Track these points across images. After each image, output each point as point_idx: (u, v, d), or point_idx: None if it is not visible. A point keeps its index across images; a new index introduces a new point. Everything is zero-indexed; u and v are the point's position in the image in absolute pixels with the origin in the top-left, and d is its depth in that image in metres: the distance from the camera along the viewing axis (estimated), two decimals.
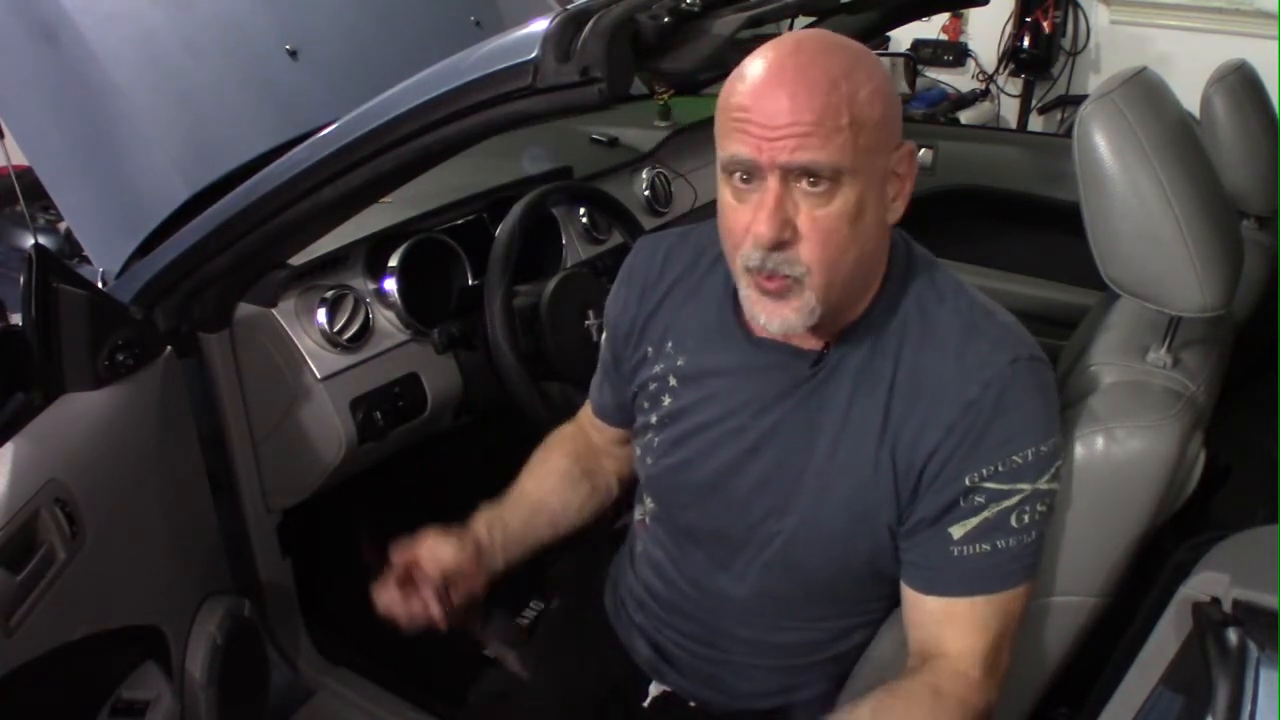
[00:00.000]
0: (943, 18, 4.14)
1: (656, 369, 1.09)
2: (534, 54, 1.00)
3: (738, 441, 1.03)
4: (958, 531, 0.95)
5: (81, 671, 1.24)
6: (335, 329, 1.53)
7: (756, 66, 0.88)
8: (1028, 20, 3.85)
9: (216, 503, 1.52)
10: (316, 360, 1.51)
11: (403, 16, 1.86)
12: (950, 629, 0.96)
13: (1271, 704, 0.66)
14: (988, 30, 4.04)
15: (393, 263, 1.62)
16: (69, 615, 1.18)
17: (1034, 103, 4.06)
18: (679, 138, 2.25)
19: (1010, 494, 0.93)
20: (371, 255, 1.64)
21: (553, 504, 1.19)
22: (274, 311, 1.49)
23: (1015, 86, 4.10)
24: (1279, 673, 0.67)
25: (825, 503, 0.99)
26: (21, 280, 1.21)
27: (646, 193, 2.13)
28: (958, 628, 0.96)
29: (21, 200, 1.79)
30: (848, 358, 0.98)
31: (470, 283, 1.71)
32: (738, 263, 0.93)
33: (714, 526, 1.08)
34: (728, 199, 0.92)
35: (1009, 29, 3.95)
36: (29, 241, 1.33)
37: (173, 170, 1.52)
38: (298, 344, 1.50)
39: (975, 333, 0.96)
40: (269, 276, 1.46)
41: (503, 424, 1.63)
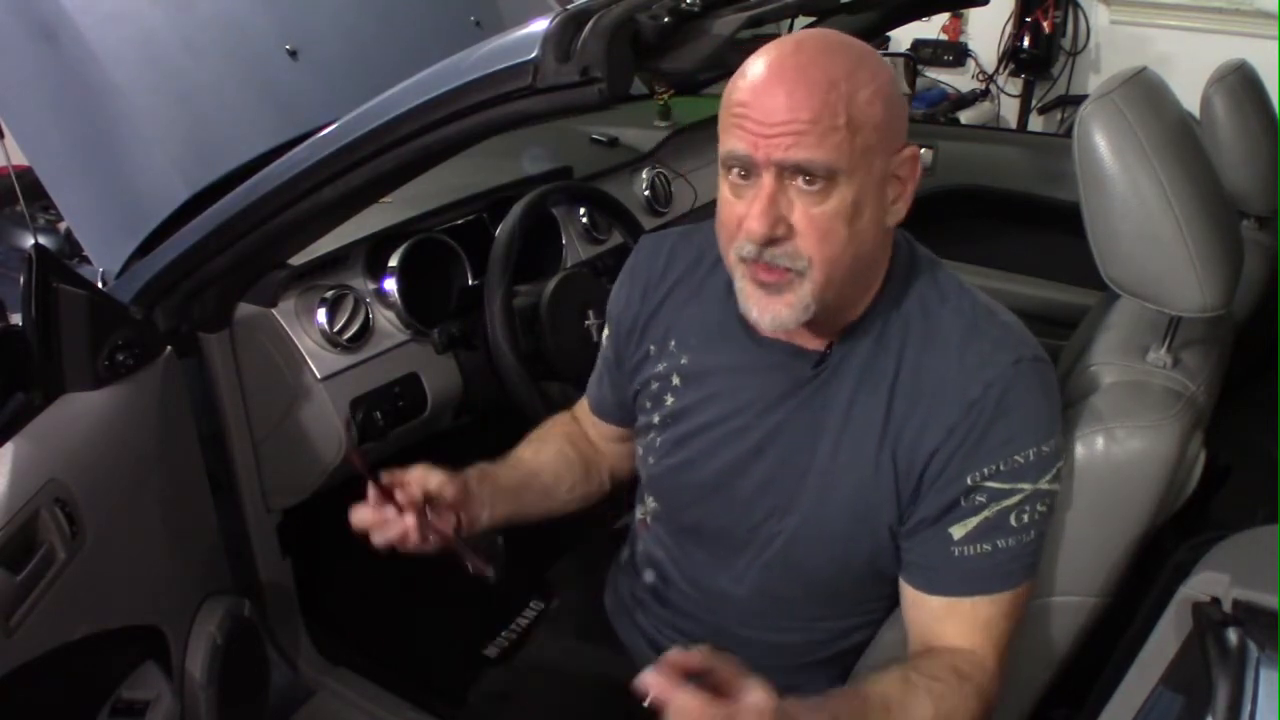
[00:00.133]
0: (943, 18, 4.14)
1: (659, 367, 1.09)
2: (534, 54, 1.00)
3: (741, 441, 1.03)
4: (958, 531, 0.95)
5: (81, 671, 1.24)
6: (335, 329, 1.53)
7: (758, 64, 0.89)
8: (1028, 20, 3.85)
9: (216, 503, 1.51)
10: (316, 360, 1.51)
11: (403, 16, 1.86)
12: (954, 627, 0.97)
13: (1271, 704, 0.66)
14: (988, 30, 4.04)
15: (393, 263, 1.62)
16: (69, 615, 1.18)
17: (1034, 103, 4.06)
18: (679, 138, 2.25)
19: (1011, 493, 0.93)
20: (371, 255, 1.63)
21: (546, 477, 1.19)
22: (274, 311, 1.49)
23: (1015, 86, 4.10)
24: (1279, 673, 0.67)
25: (827, 502, 1.00)
26: (21, 280, 1.20)
27: (646, 193, 2.13)
28: (961, 626, 0.96)
29: (21, 200, 1.79)
30: (850, 357, 0.98)
31: (470, 283, 1.71)
32: (731, 254, 0.93)
33: (716, 526, 1.08)
34: (725, 194, 0.93)
35: (1009, 29, 3.95)
36: (29, 241, 1.33)
37: (173, 170, 1.52)
38: (298, 344, 1.50)
39: (977, 333, 0.96)
40: (269, 276, 1.46)
41: (503, 424, 1.62)
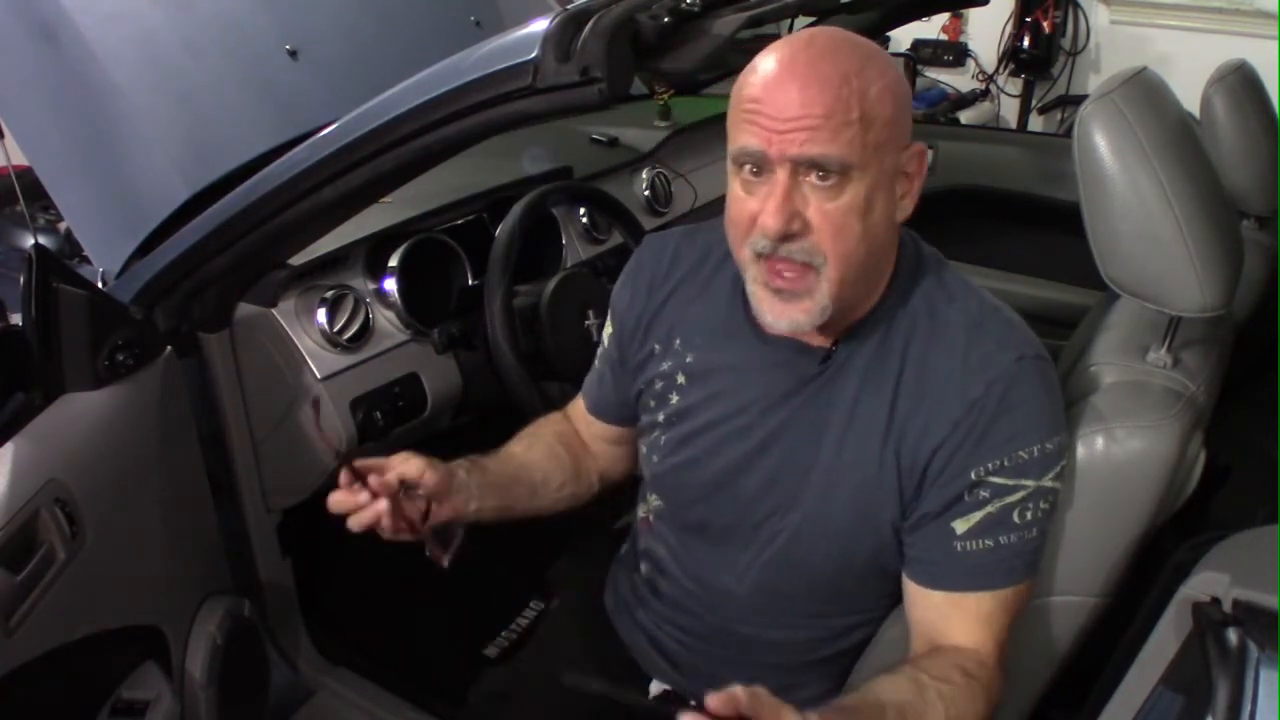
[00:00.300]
0: (943, 18, 4.14)
1: (664, 366, 1.09)
2: (534, 54, 1.00)
3: (746, 439, 1.03)
4: (961, 526, 0.95)
5: (81, 671, 1.24)
6: (335, 329, 1.53)
7: (769, 60, 0.89)
8: (1028, 20, 3.85)
9: (216, 503, 1.51)
10: (316, 360, 1.51)
11: (403, 16, 1.85)
12: (957, 622, 0.97)
13: (1271, 704, 0.66)
14: (988, 30, 4.04)
15: (393, 263, 1.62)
16: (69, 615, 1.18)
17: (1034, 103, 4.06)
18: (679, 138, 2.25)
19: (1014, 490, 0.93)
20: (371, 255, 1.63)
21: (535, 473, 1.18)
22: (274, 311, 1.49)
23: (1015, 86, 4.10)
24: (1279, 673, 0.67)
25: (831, 500, 1.00)
26: (21, 280, 1.20)
27: (646, 193, 2.13)
28: (964, 621, 0.96)
29: (21, 200, 1.79)
30: (855, 355, 0.98)
31: (470, 283, 1.71)
32: (745, 252, 0.93)
33: (719, 524, 1.08)
34: (736, 191, 0.92)
35: (1009, 29, 3.95)
36: (29, 241, 1.33)
37: (173, 170, 1.52)
38: (298, 344, 1.50)
39: (981, 331, 0.96)
40: (269, 276, 1.46)
41: (503, 424, 1.62)
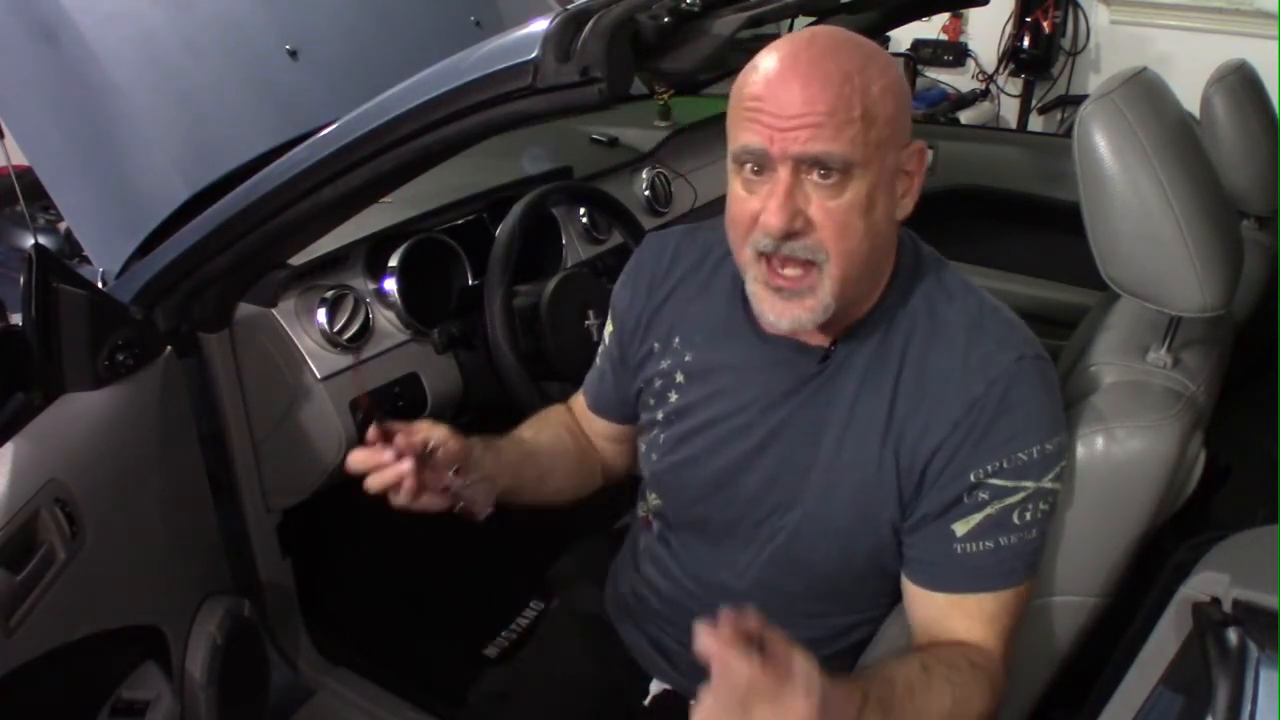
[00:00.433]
0: (943, 18, 4.14)
1: (664, 364, 1.09)
2: (534, 54, 1.00)
3: (745, 438, 1.03)
4: (961, 528, 0.95)
5: (81, 671, 1.24)
6: (335, 329, 1.53)
7: (770, 58, 0.88)
8: (1028, 20, 3.85)
9: (216, 503, 1.51)
10: (316, 360, 1.51)
11: (403, 16, 1.85)
12: (958, 623, 0.97)
13: (1271, 704, 0.66)
14: (988, 30, 4.04)
15: (393, 263, 1.62)
16: (69, 615, 1.17)
17: (1034, 103, 4.06)
18: (679, 138, 2.25)
19: (1014, 491, 0.93)
20: (371, 255, 1.63)
21: (544, 459, 1.18)
22: (274, 311, 1.49)
23: (1015, 86, 4.10)
24: (1279, 673, 0.67)
25: (830, 499, 1.00)
26: (21, 280, 1.20)
27: (646, 193, 2.13)
28: (965, 622, 0.96)
29: (21, 200, 1.79)
30: (855, 354, 0.99)
31: (470, 283, 1.71)
32: (746, 251, 0.93)
33: (719, 522, 1.08)
34: (738, 190, 0.92)
35: (1009, 29, 3.95)
36: (29, 241, 1.33)
37: (173, 170, 1.52)
38: (298, 344, 1.50)
39: (981, 331, 0.96)
40: (269, 276, 1.46)
41: (503, 424, 1.62)
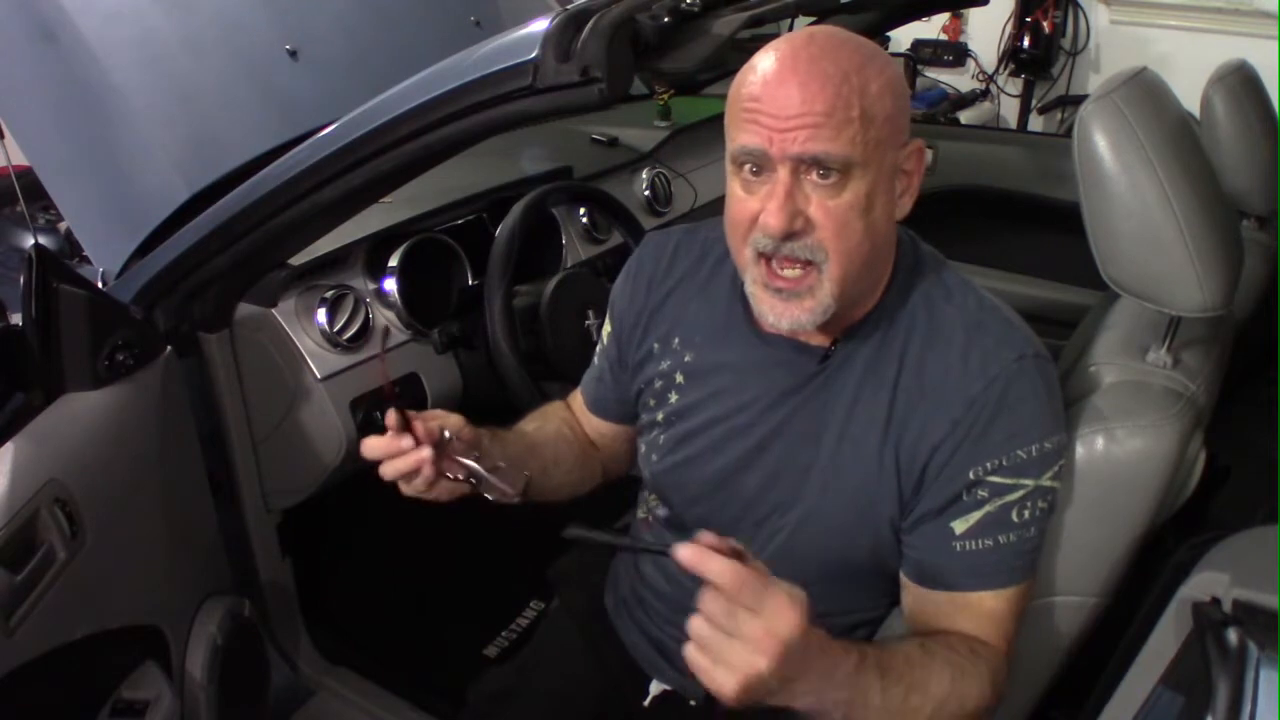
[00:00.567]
0: (943, 18, 4.14)
1: (663, 365, 1.09)
2: (534, 54, 1.00)
3: (745, 438, 1.03)
4: (960, 526, 0.95)
5: (81, 671, 1.24)
6: (335, 329, 1.53)
7: (768, 59, 0.88)
8: (1028, 20, 3.85)
9: (216, 503, 1.51)
10: (316, 360, 1.51)
11: (403, 16, 1.85)
12: (959, 620, 0.96)
13: (1271, 704, 0.66)
14: (988, 30, 4.04)
15: (393, 263, 1.62)
16: (69, 615, 1.17)
17: (1034, 103, 4.06)
18: (679, 138, 2.25)
19: (1014, 489, 0.93)
20: (371, 255, 1.63)
21: (547, 452, 1.17)
22: (274, 311, 1.49)
23: (1015, 86, 4.10)
24: (1279, 673, 0.67)
25: (831, 497, 1.00)
26: (21, 280, 1.20)
27: (646, 193, 2.13)
28: (964, 619, 0.96)
29: (21, 200, 1.79)
30: (855, 354, 0.99)
31: (470, 283, 1.71)
32: (746, 252, 0.92)
33: (719, 522, 1.07)
34: (736, 191, 0.92)
35: (1009, 29, 3.95)
36: (29, 241, 1.33)
37: (173, 170, 1.52)
38: (298, 344, 1.50)
39: (981, 330, 0.96)
40: (269, 276, 1.46)
41: (503, 424, 1.62)
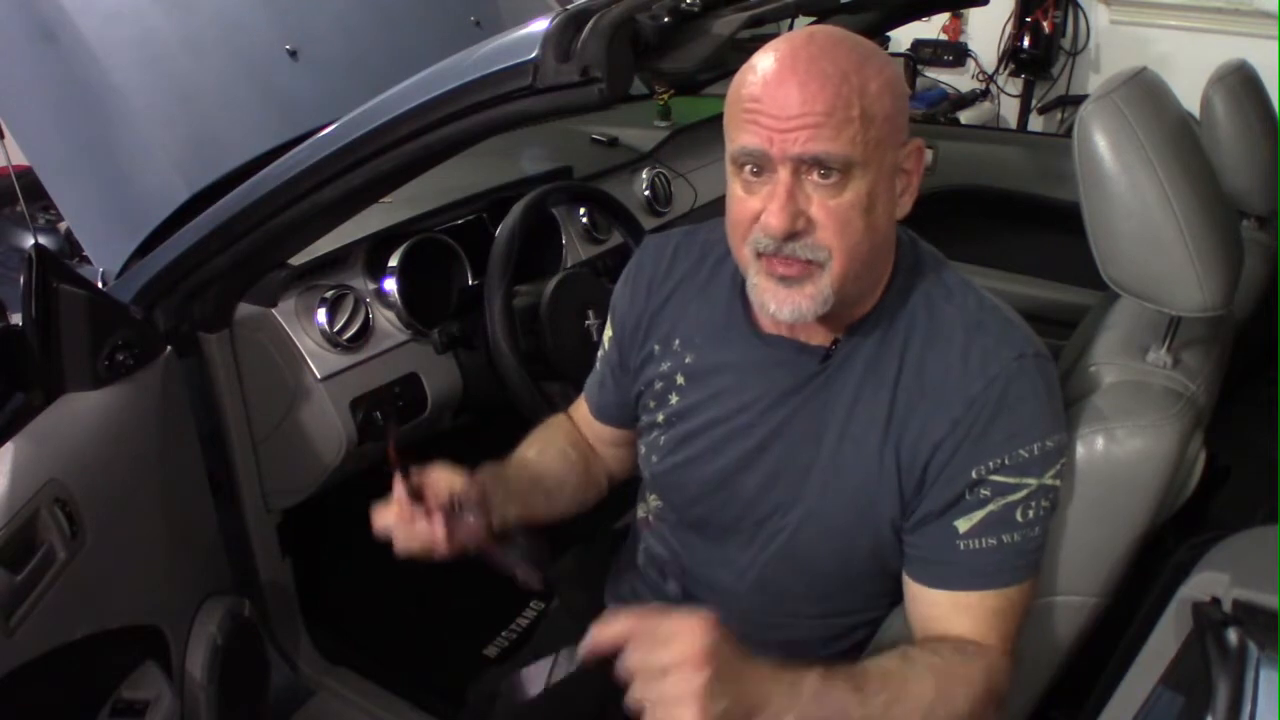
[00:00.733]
0: (943, 18, 4.14)
1: (664, 367, 1.09)
2: (534, 54, 1.00)
3: (745, 438, 1.03)
4: (963, 525, 0.95)
5: (81, 671, 1.24)
6: (335, 329, 1.53)
7: (768, 59, 0.88)
8: (1028, 20, 3.85)
9: (216, 503, 1.51)
10: (316, 360, 1.51)
11: (403, 16, 1.86)
12: (955, 620, 0.96)
13: (1271, 704, 0.66)
14: (988, 30, 4.04)
15: (393, 263, 1.62)
16: (69, 615, 1.17)
17: (1034, 103, 4.06)
18: (679, 138, 2.25)
19: (1017, 488, 0.93)
20: (371, 255, 1.63)
21: (549, 479, 1.18)
22: (274, 311, 1.49)
23: (1015, 86, 4.10)
24: (1279, 673, 0.67)
25: (831, 497, 1.00)
26: (21, 280, 1.21)
27: (646, 193, 2.13)
28: (966, 621, 0.96)
29: (21, 200, 1.79)
30: (855, 353, 0.99)
31: (470, 283, 1.71)
32: (746, 250, 0.93)
33: (720, 522, 1.08)
34: (737, 192, 0.92)
35: (1009, 29, 3.95)
36: (29, 241, 1.33)
37: (173, 170, 1.52)
38: (298, 344, 1.50)
39: (981, 329, 0.96)
40: (269, 276, 1.46)
41: (503, 424, 1.62)
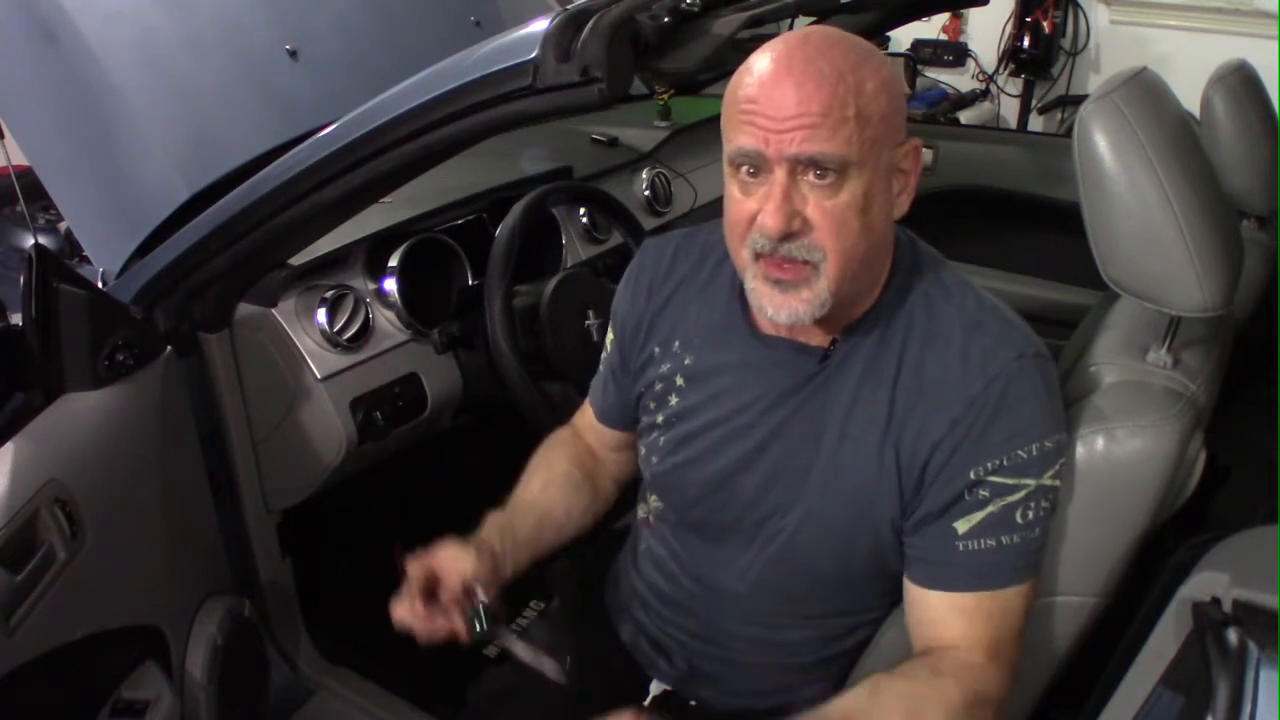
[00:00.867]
0: (943, 18, 4.14)
1: (663, 369, 1.09)
2: (534, 54, 1.00)
3: (745, 439, 1.03)
4: (962, 526, 0.95)
5: (81, 671, 1.24)
6: (335, 329, 1.53)
7: (764, 60, 0.89)
8: (1028, 20, 3.85)
9: (216, 503, 1.51)
10: (316, 360, 1.51)
11: (403, 16, 1.86)
12: (953, 622, 0.96)
13: (1271, 704, 0.66)
14: (988, 30, 4.04)
15: (393, 263, 1.62)
16: (69, 615, 1.17)
17: (1034, 103, 4.06)
18: (679, 138, 2.25)
19: (1016, 489, 0.93)
20: (371, 255, 1.63)
21: (558, 511, 1.18)
22: (274, 311, 1.49)
23: (1015, 86, 4.10)
24: (1279, 673, 0.67)
25: (831, 497, 1.00)
26: (21, 280, 1.20)
27: (646, 193, 2.13)
28: (960, 621, 0.96)
29: (21, 200, 1.79)
30: (854, 353, 0.99)
31: (470, 283, 1.71)
32: (744, 252, 0.93)
33: (720, 523, 1.08)
34: (734, 193, 0.92)
35: (1009, 29, 3.95)
36: (29, 241, 1.33)
37: (173, 170, 1.52)
38: (298, 344, 1.50)
39: (980, 329, 0.96)
40: (269, 276, 1.46)
41: (503, 424, 1.62)
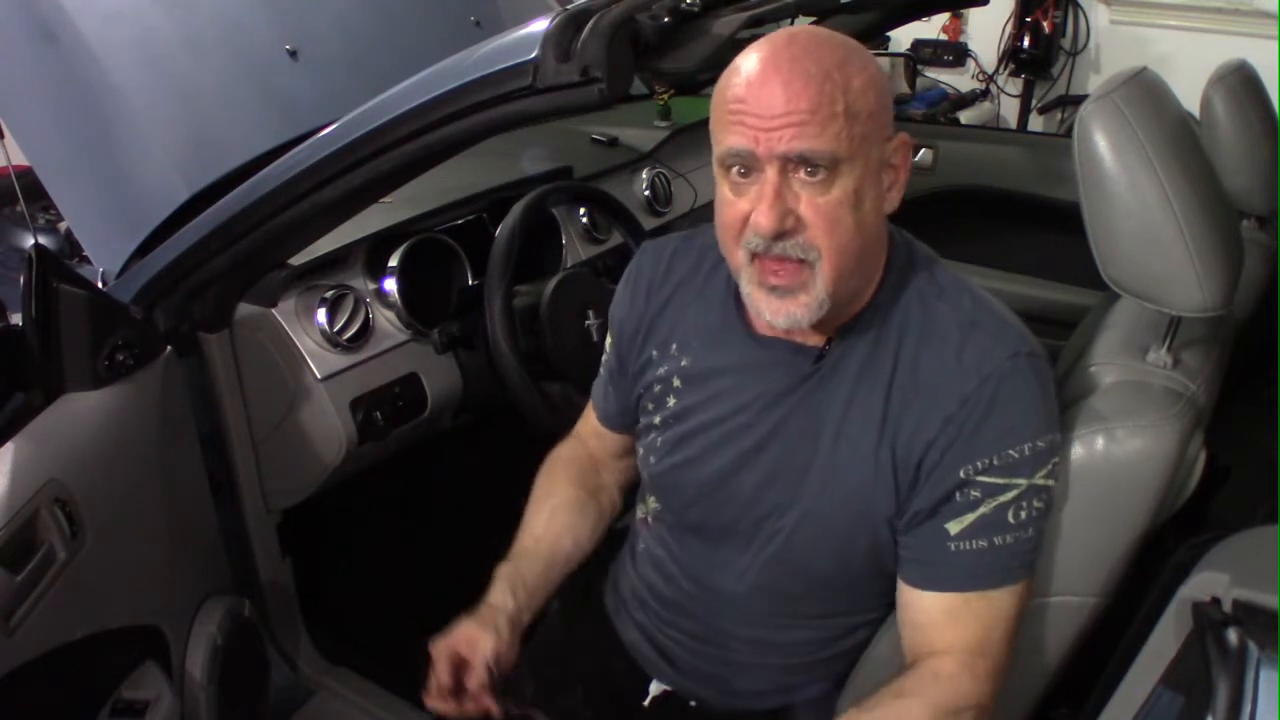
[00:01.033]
0: (943, 18, 4.14)
1: (661, 370, 1.09)
2: (534, 54, 1.00)
3: (742, 439, 1.03)
4: (954, 527, 0.95)
5: (81, 671, 1.24)
6: (335, 329, 1.53)
7: (751, 60, 0.89)
8: (1028, 20, 3.85)
9: (216, 503, 1.51)
10: (316, 360, 1.51)
11: (403, 16, 1.86)
12: (944, 625, 0.97)
13: (1271, 704, 0.66)
14: (988, 30, 4.04)
15: (393, 263, 1.62)
16: (69, 615, 1.17)
17: (1034, 103, 4.06)
18: (679, 138, 2.25)
19: (1007, 489, 0.93)
20: (371, 255, 1.63)
21: (565, 542, 1.18)
22: (274, 311, 1.49)
23: (1015, 86, 4.10)
24: (1279, 673, 0.67)
25: (828, 497, 1.00)
26: (21, 280, 1.20)
27: (646, 193, 2.13)
28: (951, 623, 0.96)
29: (21, 200, 1.79)
30: (849, 353, 0.99)
31: (470, 283, 1.71)
32: (739, 254, 0.93)
33: (718, 524, 1.08)
34: (726, 194, 0.93)
35: (1009, 29, 3.95)
36: (29, 241, 1.33)
37: (173, 170, 1.52)
38: (298, 344, 1.50)
39: (975, 328, 0.96)
40: (269, 276, 1.46)
41: (503, 424, 1.62)
